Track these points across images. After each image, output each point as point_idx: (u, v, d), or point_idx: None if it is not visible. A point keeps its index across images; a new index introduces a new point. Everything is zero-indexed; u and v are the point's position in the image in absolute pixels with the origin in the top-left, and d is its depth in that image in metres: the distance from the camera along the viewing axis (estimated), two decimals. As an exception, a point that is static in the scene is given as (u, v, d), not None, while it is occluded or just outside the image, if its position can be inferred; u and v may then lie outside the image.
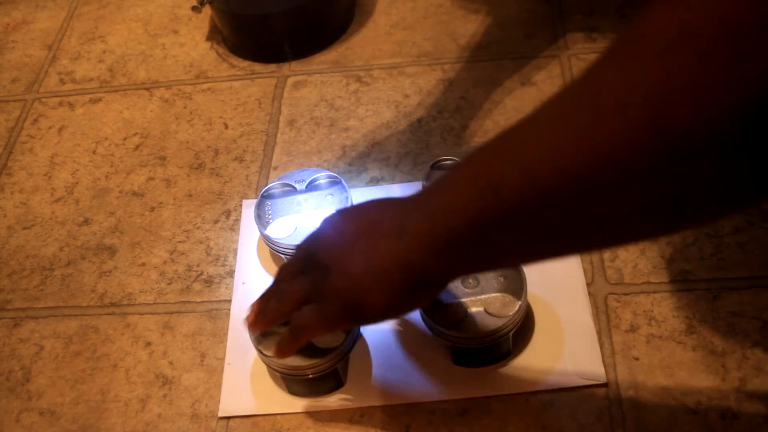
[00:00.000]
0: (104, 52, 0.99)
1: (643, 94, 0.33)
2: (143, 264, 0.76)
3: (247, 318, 0.58)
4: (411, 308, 0.52)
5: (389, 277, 0.47)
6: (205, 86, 0.92)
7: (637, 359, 0.62)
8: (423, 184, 0.70)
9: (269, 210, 0.71)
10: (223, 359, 0.68)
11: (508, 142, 0.40)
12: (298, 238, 0.68)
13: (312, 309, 0.53)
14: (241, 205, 0.79)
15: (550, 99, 0.38)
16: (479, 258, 0.45)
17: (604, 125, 0.34)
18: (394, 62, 0.90)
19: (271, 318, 0.57)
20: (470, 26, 0.92)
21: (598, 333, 0.64)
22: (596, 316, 0.65)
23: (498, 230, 0.41)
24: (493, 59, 0.88)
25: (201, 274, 0.74)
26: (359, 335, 0.65)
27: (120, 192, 0.83)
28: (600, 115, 0.34)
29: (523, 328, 0.63)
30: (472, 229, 0.42)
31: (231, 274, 0.74)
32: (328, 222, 0.54)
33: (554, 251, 0.44)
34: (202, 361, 0.68)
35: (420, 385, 0.64)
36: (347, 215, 0.53)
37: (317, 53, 0.93)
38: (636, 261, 0.68)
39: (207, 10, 0.97)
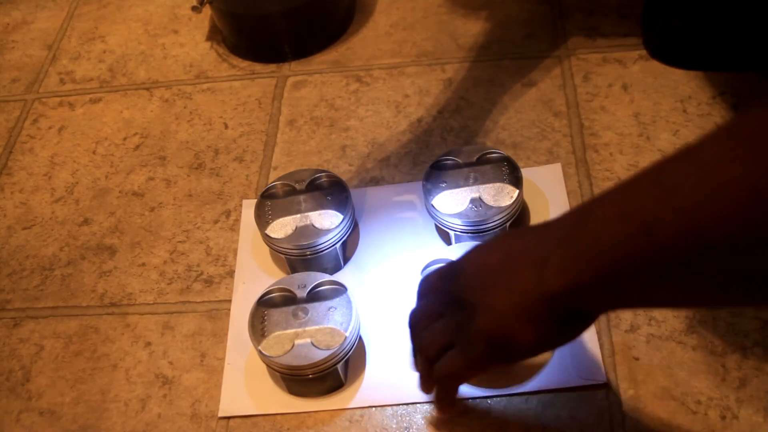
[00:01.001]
0: (104, 52, 0.99)
1: None
2: (143, 264, 0.76)
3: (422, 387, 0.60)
4: (561, 342, 0.49)
5: (534, 311, 0.45)
6: (205, 86, 0.92)
7: (637, 359, 0.62)
8: (423, 184, 0.70)
9: (269, 210, 0.71)
10: (223, 359, 0.68)
11: (664, 181, 0.38)
12: (298, 238, 0.68)
13: (456, 356, 0.52)
14: (241, 205, 0.79)
15: (709, 135, 0.36)
16: (628, 297, 0.43)
17: (763, 176, 0.32)
18: (394, 62, 0.90)
19: (425, 376, 0.58)
20: (470, 26, 0.92)
21: (598, 333, 0.64)
22: (596, 316, 0.65)
23: (648, 273, 0.39)
24: (493, 59, 0.88)
25: (201, 274, 0.74)
26: (359, 336, 0.65)
27: (120, 192, 0.83)
28: (761, 163, 0.32)
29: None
30: (621, 269, 0.40)
31: (231, 274, 0.74)
32: (467, 259, 0.52)
33: (707, 301, 0.43)
34: (202, 361, 0.68)
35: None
36: (486, 249, 0.51)
37: (317, 53, 0.93)
38: (636, 261, 0.68)
39: (207, 10, 0.97)
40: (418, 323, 0.57)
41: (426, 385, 0.60)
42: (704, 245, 0.35)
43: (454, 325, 0.52)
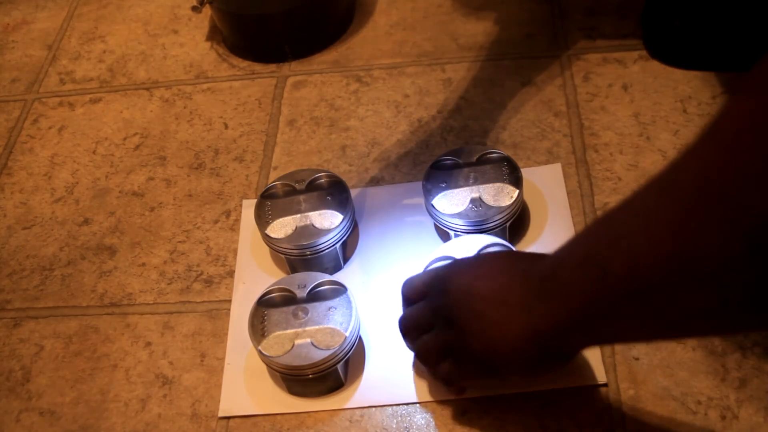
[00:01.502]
0: (104, 52, 0.99)
1: (717, 188, 0.34)
2: (143, 264, 0.76)
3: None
4: (545, 373, 0.55)
5: (524, 349, 0.51)
6: (205, 86, 0.92)
7: (637, 359, 0.62)
8: (423, 184, 0.70)
9: (269, 210, 0.71)
10: (223, 359, 0.68)
11: (612, 227, 0.43)
12: (298, 238, 0.68)
13: (453, 365, 0.57)
14: (241, 205, 0.79)
15: (645, 184, 0.40)
16: (598, 335, 0.49)
17: (687, 216, 0.36)
18: (394, 62, 0.90)
19: (430, 373, 0.63)
20: (470, 26, 0.92)
21: (598, 333, 0.64)
22: (596, 316, 0.65)
23: (610, 311, 0.43)
24: (493, 59, 0.88)
25: (201, 274, 0.74)
26: (359, 336, 0.65)
27: (120, 192, 0.83)
28: (683, 208, 0.36)
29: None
30: (587, 310, 0.45)
31: (231, 274, 0.74)
32: (456, 279, 0.56)
33: (668, 335, 0.49)
34: (202, 361, 0.68)
35: (420, 385, 0.64)
36: (472, 276, 0.55)
37: (317, 53, 0.93)
38: (636, 261, 0.68)
39: (207, 10, 0.97)
40: (409, 331, 0.61)
41: (434, 378, 0.64)
42: (650, 283, 0.39)
43: (445, 342, 0.56)
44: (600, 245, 0.43)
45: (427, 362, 0.60)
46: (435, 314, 0.57)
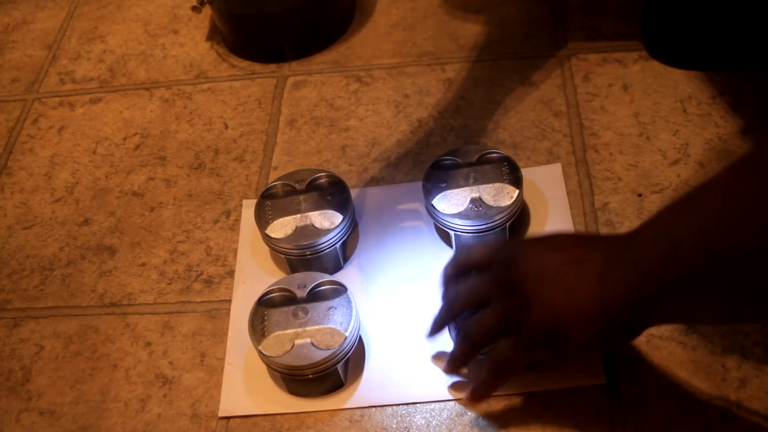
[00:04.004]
0: (104, 52, 0.99)
1: None
2: (143, 264, 0.76)
3: (449, 365, 0.62)
4: (606, 348, 0.56)
5: (590, 319, 0.50)
6: (205, 86, 0.92)
7: (637, 359, 0.62)
8: (423, 184, 0.70)
9: (269, 210, 0.71)
10: (223, 359, 0.68)
11: (686, 207, 0.45)
12: (298, 238, 0.68)
13: (512, 345, 0.56)
14: (241, 205, 0.79)
15: (727, 167, 0.42)
16: (666, 312, 0.49)
17: (760, 196, 0.37)
18: (394, 62, 0.90)
19: (462, 358, 0.61)
20: (470, 26, 0.92)
21: (598, 333, 0.64)
22: (596, 316, 0.65)
23: (679, 288, 0.44)
24: (493, 59, 0.88)
25: (201, 274, 0.74)
26: (359, 336, 0.65)
27: (120, 192, 0.83)
28: (759, 190, 0.38)
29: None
30: (658, 286, 0.46)
31: (231, 274, 0.74)
32: (526, 251, 0.56)
33: (732, 315, 0.49)
34: (202, 361, 0.68)
35: (420, 385, 0.64)
36: (546, 249, 0.56)
37: (317, 53, 0.93)
38: (636, 261, 0.68)
39: (207, 10, 0.97)
40: (460, 304, 0.60)
41: (457, 366, 0.62)
42: (720, 260, 0.40)
43: (506, 311, 0.55)
44: (672, 222, 0.45)
45: (479, 339, 0.58)
46: (497, 285, 0.56)
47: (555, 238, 0.58)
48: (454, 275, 0.62)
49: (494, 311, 0.56)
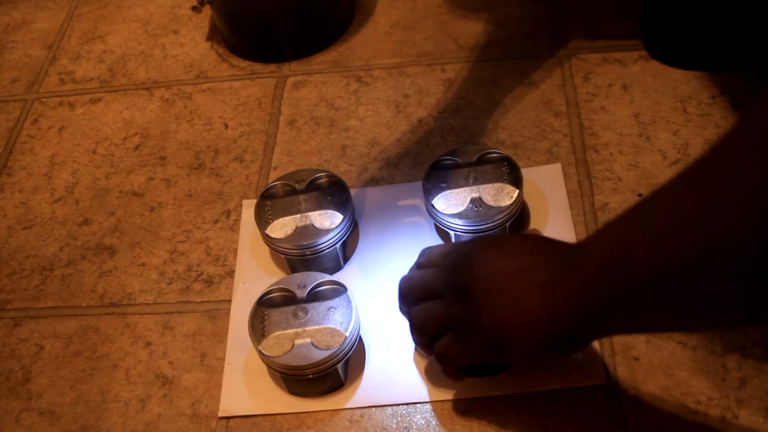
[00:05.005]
0: (104, 52, 0.99)
1: (752, 178, 0.35)
2: (143, 264, 0.76)
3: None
4: (553, 356, 0.55)
5: (538, 330, 0.50)
6: (205, 86, 0.92)
7: (637, 359, 0.62)
8: (423, 184, 0.70)
9: (269, 210, 0.71)
10: (223, 359, 0.68)
11: (640, 214, 0.44)
12: (298, 238, 0.68)
13: (455, 340, 0.56)
14: (241, 205, 0.79)
15: (677, 175, 0.41)
16: (618, 323, 0.48)
17: (715, 205, 0.36)
18: (394, 62, 0.90)
19: (422, 346, 0.61)
20: (470, 26, 0.92)
21: (598, 333, 0.64)
22: (596, 316, 0.65)
23: (633, 298, 0.43)
24: (493, 59, 0.88)
25: (201, 274, 0.74)
26: (359, 336, 0.65)
27: (120, 192, 0.83)
28: (712, 195, 0.37)
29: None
30: (610, 296, 0.45)
31: (231, 274, 0.74)
32: (480, 255, 0.55)
33: (685, 325, 0.48)
34: (202, 361, 0.68)
35: (420, 385, 0.64)
36: (498, 254, 0.55)
37: (317, 53, 0.93)
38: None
39: (207, 10, 0.97)
40: (411, 293, 0.60)
41: (424, 351, 0.62)
42: (673, 269, 0.39)
43: (455, 313, 0.55)
44: (626, 231, 0.44)
45: (423, 331, 0.59)
46: (447, 285, 0.56)
47: (508, 243, 0.58)
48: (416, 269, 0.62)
49: (441, 308, 0.56)
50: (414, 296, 0.59)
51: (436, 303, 0.57)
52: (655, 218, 0.41)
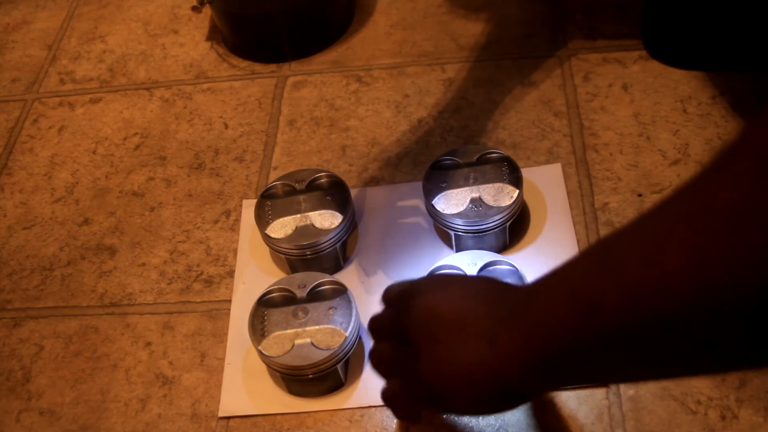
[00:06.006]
0: (104, 52, 0.99)
1: (749, 215, 0.30)
2: (143, 264, 0.76)
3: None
4: (495, 412, 0.51)
5: (476, 384, 0.45)
6: (205, 86, 0.92)
7: (637, 359, 0.62)
8: (423, 184, 0.70)
9: (269, 210, 0.71)
10: (223, 359, 0.68)
11: (610, 257, 0.37)
12: (298, 238, 0.68)
13: (399, 387, 0.53)
14: (241, 205, 0.79)
15: (654, 208, 0.36)
16: (572, 376, 0.43)
17: (718, 249, 0.31)
18: (394, 62, 0.90)
19: (378, 376, 0.57)
20: (470, 26, 0.92)
21: (598, 333, 0.64)
22: (596, 316, 0.65)
23: (594, 350, 0.38)
24: (493, 59, 0.88)
25: (201, 274, 0.74)
26: (359, 336, 0.65)
27: (120, 192, 0.83)
28: (714, 237, 0.31)
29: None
30: (568, 348, 0.39)
31: (231, 274, 0.74)
32: (423, 297, 0.51)
33: (657, 374, 0.43)
34: (202, 361, 0.68)
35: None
36: (444, 296, 0.50)
37: (317, 53, 0.93)
38: (636, 261, 0.68)
39: (207, 10, 0.97)
40: (370, 332, 0.58)
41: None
42: (648, 321, 0.34)
43: (396, 359, 0.52)
44: (592, 276, 0.38)
45: (376, 371, 0.55)
46: (394, 328, 0.53)
47: (457, 284, 0.52)
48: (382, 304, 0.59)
49: (387, 351, 0.53)
50: (372, 336, 0.57)
51: (385, 345, 0.54)
52: (629, 261, 0.35)
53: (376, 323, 0.57)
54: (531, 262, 0.68)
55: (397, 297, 0.55)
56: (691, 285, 0.32)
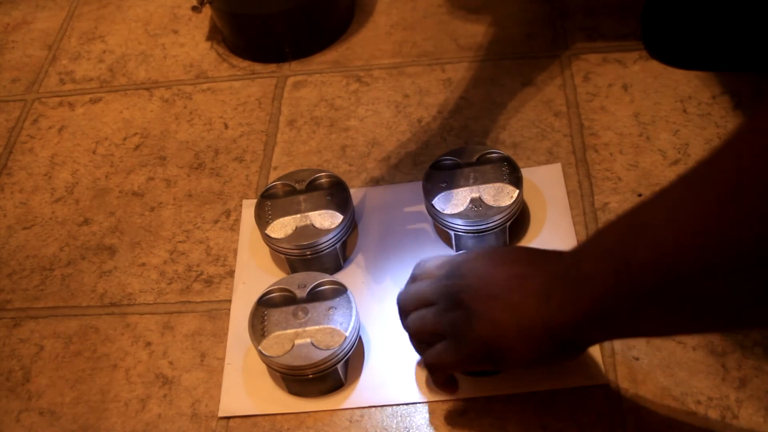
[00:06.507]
0: (104, 52, 0.99)
1: (752, 183, 0.34)
2: (143, 264, 0.76)
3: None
4: (550, 363, 0.55)
5: (534, 336, 0.50)
6: (205, 86, 0.92)
7: (637, 359, 0.62)
8: (423, 184, 0.70)
9: (269, 210, 0.71)
10: (223, 359, 0.68)
11: (638, 220, 0.43)
12: (298, 238, 0.68)
13: (448, 348, 0.56)
14: (241, 205, 0.79)
15: (676, 179, 0.40)
16: (617, 328, 0.48)
17: (717, 210, 0.36)
18: (394, 62, 0.90)
19: (415, 347, 0.61)
20: (470, 26, 0.92)
21: (598, 333, 0.64)
22: (596, 316, 0.65)
23: (632, 303, 0.43)
24: (493, 59, 0.88)
25: (201, 274, 0.74)
26: (359, 336, 0.65)
27: (120, 192, 0.83)
28: (713, 200, 0.36)
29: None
30: (609, 302, 0.44)
31: (231, 274, 0.74)
32: (473, 263, 0.56)
33: (688, 328, 0.48)
34: (202, 361, 0.68)
35: (420, 385, 0.64)
36: (490, 262, 0.55)
37: (317, 53, 0.93)
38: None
39: (207, 10, 0.97)
40: (407, 305, 0.60)
41: (422, 363, 0.62)
42: (673, 275, 0.39)
43: (448, 320, 0.55)
44: (624, 237, 0.43)
45: (418, 338, 0.59)
46: (441, 294, 0.56)
47: (501, 252, 0.58)
48: (411, 282, 0.62)
49: (435, 315, 0.56)
50: (410, 307, 0.59)
51: (430, 310, 0.57)
52: (652, 224, 0.41)
53: (411, 295, 0.59)
54: (531, 262, 0.68)
55: (438, 269, 0.58)
56: (697, 241, 0.37)
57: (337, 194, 0.71)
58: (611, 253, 0.44)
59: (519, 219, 0.70)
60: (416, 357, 0.65)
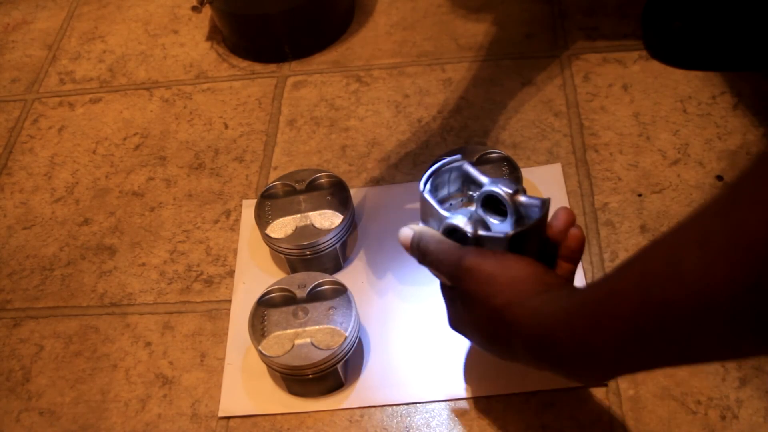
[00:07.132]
0: (104, 52, 0.99)
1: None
2: (143, 264, 0.76)
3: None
4: (534, 358, 0.51)
5: (519, 326, 0.47)
6: (205, 86, 0.92)
7: (637, 359, 0.62)
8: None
9: (269, 210, 0.71)
10: (223, 359, 0.68)
11: (668, 254, 0.40)
12: (298, 238, 0.68)
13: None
14: (241, 205, 0.79)
15: (701, 207, 0.38)
16: (623, 366, 0.45)
17: (748, 243, 0.34)
18: (394, 62, 0.90)
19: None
20: (470, 26, 0.92)
21: (598, 333, 0.64)
22: (596, 316, 0.65)
23: (656, 342, 0.41)
24: (493, 59, 0.88)
25: (201, 274, 0.74)
26: (359, 336, 0.65)
27: (120, 192, 0.83)
28: (745, 233, 0.34)
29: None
30: (630, 336, 0.41)
31: (231, 274, 0.74)
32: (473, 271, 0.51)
33: (689, 362, 0.45)
34: (202, 361, 0.68)
35: (420, 385, 0.64)
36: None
37: (317, 53, 0.93)
38: (636, 261, 0.68)
39: (207, 10, 0.97)
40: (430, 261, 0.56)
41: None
42: (698, 314, 0.37)
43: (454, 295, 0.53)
44: (656, 273, 0.40)
45: (431, 268, 0.55)
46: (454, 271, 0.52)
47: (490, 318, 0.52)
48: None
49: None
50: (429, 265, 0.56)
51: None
52: (686, 259, 0.38)
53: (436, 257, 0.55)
54: (531, 262, 0.68)
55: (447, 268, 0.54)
56: (729, 276, 0.35)
57: (337, 194, 0.71)
58: (641, 288, 0.41)
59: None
60: (415, 357, 0.65)
